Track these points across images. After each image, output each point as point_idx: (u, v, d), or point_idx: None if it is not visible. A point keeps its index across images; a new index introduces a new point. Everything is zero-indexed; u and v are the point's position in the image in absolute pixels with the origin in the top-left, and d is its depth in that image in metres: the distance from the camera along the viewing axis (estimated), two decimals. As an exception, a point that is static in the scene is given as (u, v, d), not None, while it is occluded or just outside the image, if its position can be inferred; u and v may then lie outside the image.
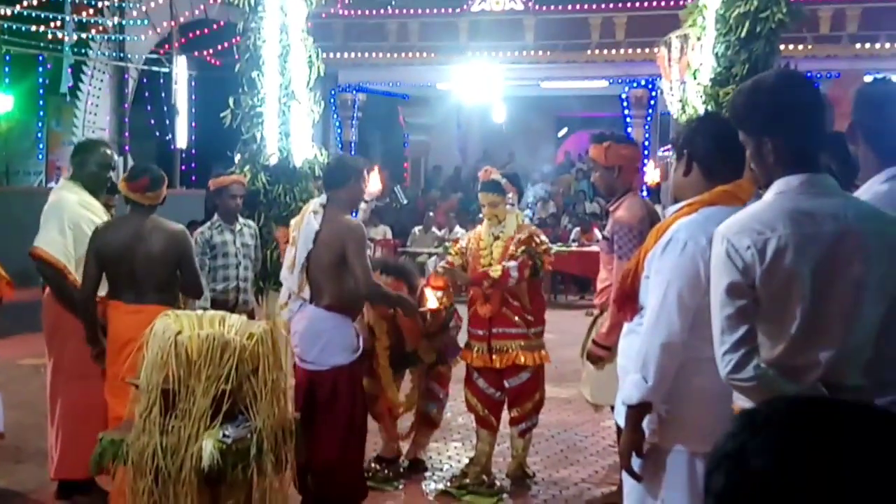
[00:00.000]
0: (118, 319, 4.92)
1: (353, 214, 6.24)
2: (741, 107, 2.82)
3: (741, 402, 2.66)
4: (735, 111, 2.88)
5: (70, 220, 5.29)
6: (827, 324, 2.57)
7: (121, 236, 5.14)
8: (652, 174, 14.63)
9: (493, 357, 5.70)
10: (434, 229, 15.67)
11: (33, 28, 16.42)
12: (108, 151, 5.82)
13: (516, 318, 5.72)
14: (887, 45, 15.68)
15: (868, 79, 4.47)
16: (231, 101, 7.46)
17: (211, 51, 17.64)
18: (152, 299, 5.03)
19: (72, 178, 5.64)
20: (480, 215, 6.19)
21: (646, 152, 15.44)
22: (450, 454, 6.57)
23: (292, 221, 5.71)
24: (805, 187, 2.60)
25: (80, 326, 5.17)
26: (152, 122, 18.81)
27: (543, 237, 5.99)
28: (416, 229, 15.85)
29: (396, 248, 15.28)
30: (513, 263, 5.62)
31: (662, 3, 15.69)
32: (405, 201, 18.26)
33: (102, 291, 5.34)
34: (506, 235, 5.78)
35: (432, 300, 5.93)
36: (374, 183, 6.10)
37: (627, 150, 5.47)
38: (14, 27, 16.13)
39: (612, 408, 4.23)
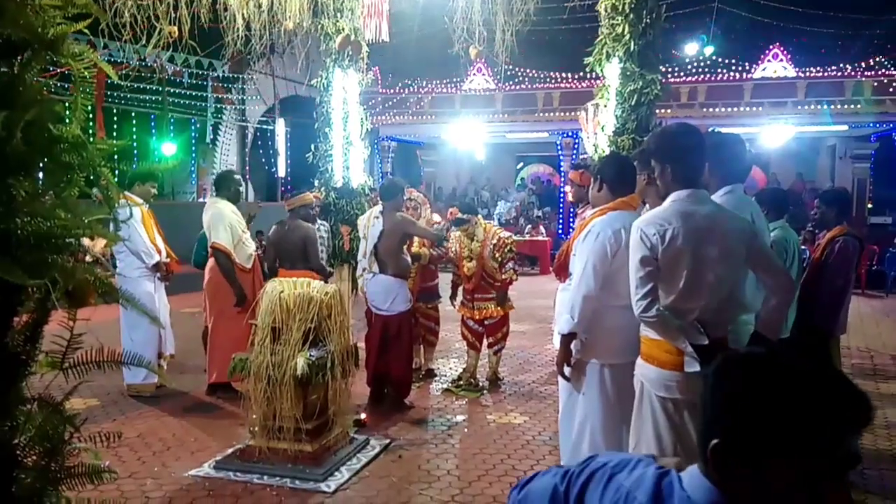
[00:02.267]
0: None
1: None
2: (654, 144, 2.85)
3: (646, 332, 2.78)
4: (649, 146, 2.91)
5: (230, 223, 5.64)
6: (700, 283, 2.64)
7: (280, 231, 5.78)
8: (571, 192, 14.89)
9: (475, 311, 5.97)
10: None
11: (188, 102, 16.48)
12: (239, 177, 6.10)
13: (490, 288, 5.96)
14: (723, 110, 16.01)
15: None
16: (312, 146, 7.39)
17: (299, 115, 17.60)
18: (298, 267, 5.59)
19: (219, 195, 5.90)
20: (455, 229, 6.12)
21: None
22: (450, 366, 6.84)
23: (359, 221, 5.91)
24: (690, 197, 2.69)
25: (231, 289, 5.54)
26: (263, 160, 18.95)
27: (506, 233, 6.15)
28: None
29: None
30: (509, 265, 5.91)
31: (583, 84, 15.68)
32: None
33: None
34: (479, 237, 5.91)
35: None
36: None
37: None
38: (176, 101, 16.21)
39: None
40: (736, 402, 1.03)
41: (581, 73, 15.09)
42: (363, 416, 5.13)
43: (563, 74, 17.24)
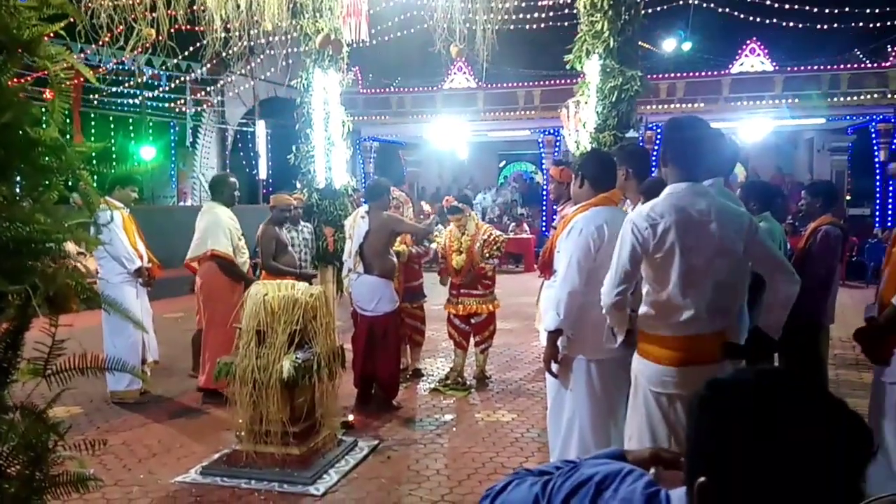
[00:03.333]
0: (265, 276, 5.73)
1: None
2: (664, 133, 2.89)
3: (642, 328, 2.80)
4: (663, 134, 2.92)
5: (227, 229, 5.63)
6: (695, 278, 2.63)
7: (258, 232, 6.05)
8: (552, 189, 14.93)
9: (460, 307, 6.03)
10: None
11: (167, 105, 16.33)
12: (234, 181, 6.00)
13: (477, 285, 6.03)
14: (700, 105, 16.15)
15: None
16: (293, 147, 7.32)
17: (280, 116, 17.37)
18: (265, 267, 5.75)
19: (214, 199, 5.84)
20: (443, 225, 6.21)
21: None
22: (437, 366, 6.88)
23: (346, 222, 5.94)
24: (686, 190, 2.69)
25: (226, 294, 5.46)
26: (244, 162, 19.01)
27: (497, 231, 6.23)
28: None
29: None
30: (493, 262, 6.03)
31: (563, 81, 15.52)
32: None
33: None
34: (469, 232, 6.02)
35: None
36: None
37: None
38: (154, 104, 16.07)
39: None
40: (724, 438, 0.92)
41: (561, 71, 15.14)
42: (351, 417, 5.13)
43: (544, 72, 17.32)
